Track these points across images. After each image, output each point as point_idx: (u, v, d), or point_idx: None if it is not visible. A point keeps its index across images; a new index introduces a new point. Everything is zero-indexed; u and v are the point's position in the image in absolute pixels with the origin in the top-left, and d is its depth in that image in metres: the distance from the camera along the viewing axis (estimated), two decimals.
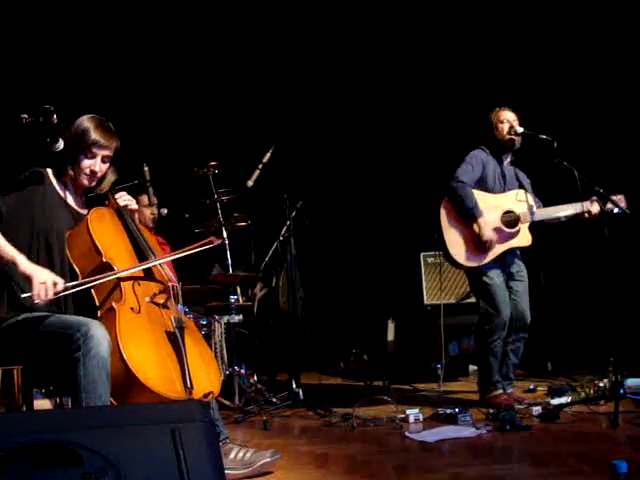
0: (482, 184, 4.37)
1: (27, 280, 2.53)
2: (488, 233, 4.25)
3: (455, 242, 4.31)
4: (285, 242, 4.90)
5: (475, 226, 4.26)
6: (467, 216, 4.28)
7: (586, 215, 4.27)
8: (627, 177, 5.12)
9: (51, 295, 2.52)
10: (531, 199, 4.40)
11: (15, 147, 3.21)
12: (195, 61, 6.43)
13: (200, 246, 2.94)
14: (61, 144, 2.72)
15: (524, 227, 4.35)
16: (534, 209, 4.36)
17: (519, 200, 4.36)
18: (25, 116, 2.59)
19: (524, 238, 4.37)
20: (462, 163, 4.38)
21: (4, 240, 2.60)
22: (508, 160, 4.51)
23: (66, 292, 2.61)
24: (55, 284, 2.53)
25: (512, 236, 4.33)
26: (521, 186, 4.46)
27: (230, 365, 4.63)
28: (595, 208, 4.21)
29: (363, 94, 6.61)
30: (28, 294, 2.51)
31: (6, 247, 2.59)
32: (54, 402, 3.50)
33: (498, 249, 4.31)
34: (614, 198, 4.14)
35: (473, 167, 4.36)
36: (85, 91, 5.57)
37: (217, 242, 3.01)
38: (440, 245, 4.38)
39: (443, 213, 4.35)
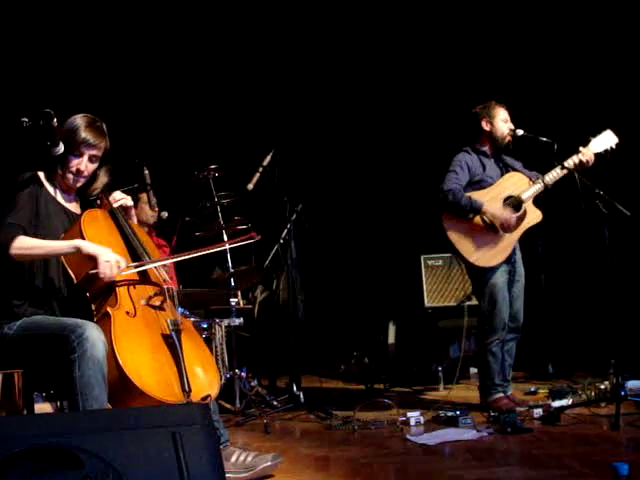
0: (477, 184, 4.33)
1: (92, 260, 2.63)
2: (500, 212, 4.21)
3: (471, 250, 4.24)
4: (285, 245, 4.90)
5: (485, 218, 4.21)
6: (471, 213, 4.23)
7: (586, 163, 4.18)
8: (627, 178, 5.13)
9: (116, 273, 2.64)
10: (526, 175, 4.34)
11: (16, 151, 3.21)
12: (195, 65, 6.43)
13: (241, 241, 3.04)
14: (61, 148, 2.73)
15: (529, 205, 4.29)
16: (537, 179, 4.28)
17: (514, 183, 4.33)
18: (26, 120, 2.62)
19: (533, 215, 4.31)
20: (446, 173, 4.35)
21: (47, 241, 2.69)
22: (498, 152, 4.47)
23: (129, 271, 2.70)
24: (118, 262, 2.64)
25: (521, 219, 4.27)
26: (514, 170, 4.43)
27: (231, 368, 4.63)
28: (589, 153, 4.16)
29: (363, 97, 6.61)
30: (94, 271, 2.62)
31: (58, 241, 2.70)
32: (55, 406, 3.50)
33: (514, 236, 4.27)
34: (600, 136, 4.20)
35: (457, 172, 4.32)
36: (86, 95, 5.56)
37: (257, 237, 3.05)
38: (459, 257, 4.32)
39: (447, 227, 4.29)
